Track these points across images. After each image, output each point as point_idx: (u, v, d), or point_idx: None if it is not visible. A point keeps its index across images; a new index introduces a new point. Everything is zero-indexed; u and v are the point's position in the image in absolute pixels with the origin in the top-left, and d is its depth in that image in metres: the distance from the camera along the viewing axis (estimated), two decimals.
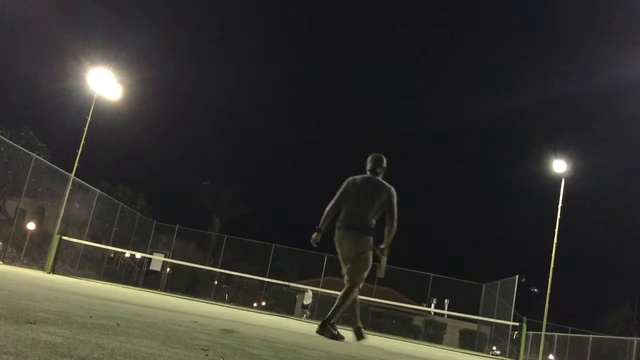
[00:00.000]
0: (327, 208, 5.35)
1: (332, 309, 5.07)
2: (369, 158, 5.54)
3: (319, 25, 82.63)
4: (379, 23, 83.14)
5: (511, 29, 79.99)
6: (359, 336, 5.31)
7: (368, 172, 5.46)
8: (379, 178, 5.42)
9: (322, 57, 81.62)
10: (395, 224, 5.26)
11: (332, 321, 5.04)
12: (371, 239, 5.21)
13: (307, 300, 22.96)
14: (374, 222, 5.25)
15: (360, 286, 5.24)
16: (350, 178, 5.40)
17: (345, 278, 5.26)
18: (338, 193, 5.35)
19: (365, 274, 5.23)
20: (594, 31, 71.57)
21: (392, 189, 5.30)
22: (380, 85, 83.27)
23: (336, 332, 5.02)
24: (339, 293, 5.24)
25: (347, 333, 5.55)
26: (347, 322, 6.21)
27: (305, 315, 22.32)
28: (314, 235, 5.30)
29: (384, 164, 5.51)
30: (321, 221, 5.32)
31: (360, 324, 5.34)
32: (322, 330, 4.96)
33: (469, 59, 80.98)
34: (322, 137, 78.86)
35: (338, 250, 5.29)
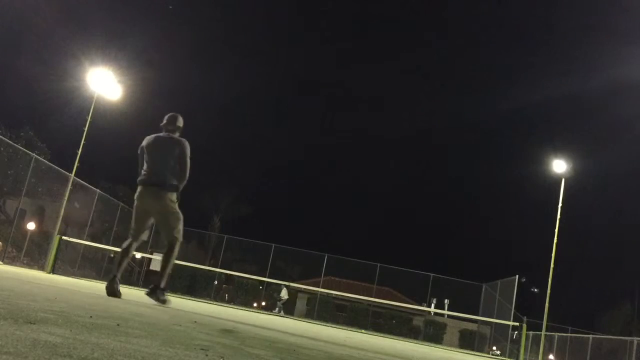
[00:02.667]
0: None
1: (161, 273, 5.35)
2: (165, 117, 5.73)
3: (319, 26, 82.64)
4: (379, 23, 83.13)
5: (511, 29, 79.98)
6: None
7: (163, 130, 5.67)
8: (173, 135, 5.60)
9: (323, 58, 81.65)
10: (186, 174, 5.43)
11: (162, 286, 5.29)
12: (174, 195, 5.34)
13: (285, 295, 23.03)
14: (173, 177, 5.35)
15: (181, 239, 5.43)
16: (146, 137, 5.62)
17: (131, 234, 5.46)
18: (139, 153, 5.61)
19: (180, 226, 5.43)
20: (594, 31, 71.57)
21: (185, 142, 5.47)
22: (380, 87, 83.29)
23: (164, 298, 5.31)
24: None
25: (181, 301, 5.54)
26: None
27: (278, 309, 22.37)
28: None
29: (178, 122, 5.70)
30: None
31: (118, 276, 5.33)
32: (152, 294, 5.26)
33: (469, 59, 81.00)
34: (322, 137, 78.87)
35: (137, 204, 5.43)
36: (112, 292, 5.13)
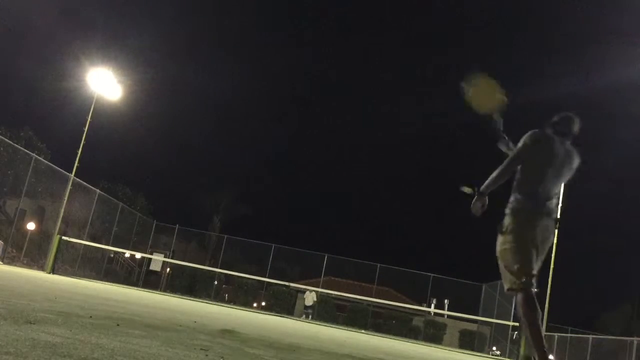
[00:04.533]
0: (503, 169, 3.76)
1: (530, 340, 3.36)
2: (561, 117, 3.88)
3: (318, 26, 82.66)
4: (378, 23, 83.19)
5: (511, 29, 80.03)
6: None
7: (560, 135, 3.79)
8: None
9: (322, 57, 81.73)
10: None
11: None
12: None
13: (310, 301, 22.95)
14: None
15: None
16: (541, 133, 3.76)
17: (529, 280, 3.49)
18: (523, 151, 3.70)
19: None
20: (594, 31, 71.60)
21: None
22: (379, 85, 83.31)
23: None
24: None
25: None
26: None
27: (304, 315, 22.29)
28: (477, 201, 3.81)
29: (577, 128, 3.89)
30: (485, 185, 3.81)
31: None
32: None
33: (469, 59, 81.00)
34: (323, 137, 78.96)
35: (528, 239, 3.55)
36: None
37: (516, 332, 22.43)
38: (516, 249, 3.56)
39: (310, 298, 22.79)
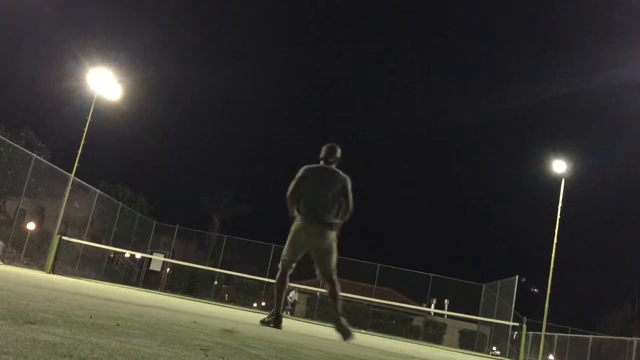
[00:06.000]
0: (288, 196, 5.44)
1: (335, 305, 5.44)
2: (323, 148, 5.62)
3: (319, 25, 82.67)
4: (379, 23, 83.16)
5: (511, 29, 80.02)
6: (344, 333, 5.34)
7: (321, 162, 5.55)
8: (336, 169, 5.53)
9: (323, 58, 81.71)
10: (350, 211, 5.39)
11: (340, 311, 5.38)
12: (334, 233, 5.32)
13: (294, 298, 23.16)
14: (337, 215, 5.34)
15: (336, 272, 5.49)
16: (306, 167, 5.50)
17: (284, 264, 5.42)
18: (294, 182, 5.44)
19: (335, 262, 5.48)
20: (594, 31, 71.59)
21: (348, 178, 5.44)
22: (380, 86, 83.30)
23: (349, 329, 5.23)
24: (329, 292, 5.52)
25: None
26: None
27: (288, 312, 22.44)
28: (290, 214, 5.49)
29: (338, 153, 5.59)
30: (290, 210, 5.46)
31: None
32: (340, 328, 5.17)
33: (469, 59, 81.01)
34: (323, 136, 78.92)
35: (296, 237, 5.31)
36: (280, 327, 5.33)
37: (516, 332, 22.43)
38: (288, 244, 5.38)
39: (294, 295, 22.99)
